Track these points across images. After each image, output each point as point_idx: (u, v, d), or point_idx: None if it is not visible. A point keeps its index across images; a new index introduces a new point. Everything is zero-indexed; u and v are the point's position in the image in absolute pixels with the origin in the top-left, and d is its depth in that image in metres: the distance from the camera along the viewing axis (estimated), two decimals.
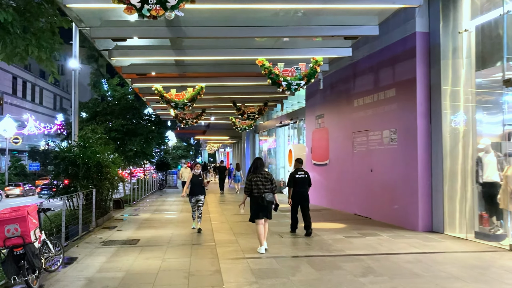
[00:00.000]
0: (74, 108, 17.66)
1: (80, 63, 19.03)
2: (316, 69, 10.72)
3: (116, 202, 17.25)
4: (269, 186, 8.59)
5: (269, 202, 8.54)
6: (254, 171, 8.70)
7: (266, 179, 8.60)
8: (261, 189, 8.50)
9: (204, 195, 11.76)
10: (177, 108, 13.54)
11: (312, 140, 18.27)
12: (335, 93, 16.09)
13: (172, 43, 10.28)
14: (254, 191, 8.53)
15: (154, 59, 11.53)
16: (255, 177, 8.59)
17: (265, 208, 8.58)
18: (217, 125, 33.41)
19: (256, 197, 8.53)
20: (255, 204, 8.60)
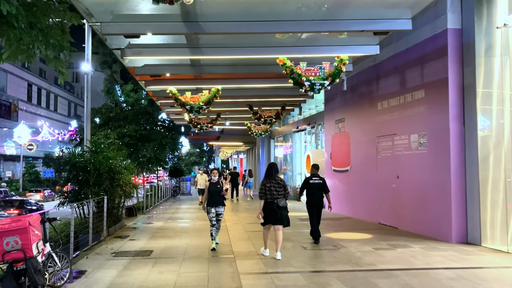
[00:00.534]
0: (86, 112, 17.17)
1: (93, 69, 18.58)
2: (341, 68, 10.00)
3: (129, 209, 16.64)
4: (282, 192, 8.54)
5: (281, 207, 8.46)
6: (267, 177, 8.68)
7: (279, 185, 8.55)
8: (274, 194, 8.46)
9: (224, 206, 10.01)
10: (192, 111, 12.90)
11: (332, 146, 17.49)
12: (357, 96, 15.31)
13: (188, 40, 9.64)
14: (267, 196, 8.50)
15: (168, 58, 10.89)
16: (268, 182, 8.56)
17: (277, 213, 8.48)
18: (231, 131, 32.77)
19: (268, 203, 8.49)
20: (268, 211, 8.56)
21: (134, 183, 14.00)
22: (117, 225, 13.04)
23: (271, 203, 8.45)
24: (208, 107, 12.97)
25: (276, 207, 8.41)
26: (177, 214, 17.42)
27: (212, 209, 9.80)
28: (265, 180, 8.64)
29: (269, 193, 8.48)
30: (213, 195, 9.77)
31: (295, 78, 9.78)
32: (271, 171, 8.71)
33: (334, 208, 17.48)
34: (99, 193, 11.39)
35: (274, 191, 8.47)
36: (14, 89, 54.67)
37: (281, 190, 8.55)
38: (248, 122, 22.25)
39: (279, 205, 8.41)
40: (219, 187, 9.84)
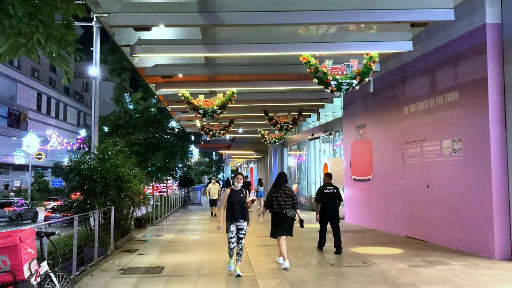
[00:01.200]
0: (94, 118, 16.44)
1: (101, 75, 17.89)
2: (371, 66, 9.08)
3: (138, 221, 15.74)
4: (290, 202, 8.41)
5: (290, 218, 8.36)
6: (275, 187, 8.58)
7: (287, 195, 8.44)
8: (282, 205, 8.35)
9: (247, 220, 7.97)
10: (205, 116, 12.02)
11: (352, 153, 16.51)
12: (380, 100, 14.36)
13: (204, 36, 8.79)
14: (275, 206, 8.41)
15: (182, 56, 10.03)
16: (275, 192, 8.46)
17: (285, 224, 8.39)
18: (242, 139, 31.88)
19: (276, 213, 8.41)
20: (276, 221, 8.48)
21: (144, 192, 13.10)
22: (125, 238, 12.14)
23: (280, 213, 8.33)
24: (222, 111, 12.08)
25: (285, 217, 8.30)
26: (188, 226, 16.49)
27: (232, 225, 7.81)
28: (273, 190, 8.55)
29: (277, 203, 8.38)
30: (234, 206, 7.80)
31: (320, 77, 8.87)
32: (279, 181, 8.62)
33: (354, 219, 16.51)
34: (106, 204, 10.51)
35: (281, 201, 8.35)
36: (23, 98, 54.43)
37: (289, 200, 8.41)
38: (261, 129, 21.34)
39: (287, 215, 8.30)
40: (242, 196, 7.89)
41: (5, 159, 51.21)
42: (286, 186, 8.68)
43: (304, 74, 12.96)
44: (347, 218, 16.89)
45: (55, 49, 7.24)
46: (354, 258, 9.42)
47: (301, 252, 10.33)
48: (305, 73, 12.97)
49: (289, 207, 8.36)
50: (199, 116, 17.91)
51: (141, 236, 13.43)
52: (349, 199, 16.79)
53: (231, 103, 12.07)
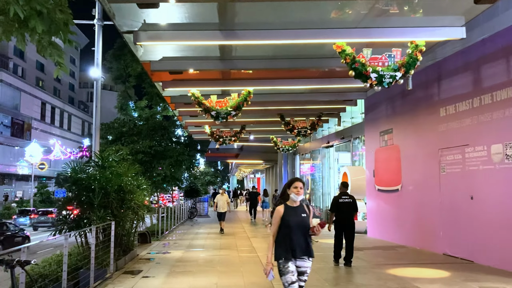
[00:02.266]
0: (95, 122, 15.15)
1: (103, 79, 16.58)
2: (417, 56, 7.65)
3: (142, 235, 14.26)
4: None
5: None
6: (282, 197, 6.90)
7: None
8: None
9: (313, 257, 4.96)
10: (218, 118, 10.59)
11: (375, 161, 15.00)
12: (410, 101, 12.90)
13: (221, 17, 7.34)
14: None
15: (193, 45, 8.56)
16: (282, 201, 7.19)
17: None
18: (251, 148, 30.45)
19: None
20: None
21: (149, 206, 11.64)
22: (128, 256, 10.66)
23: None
24: (237, 113, 10.65)
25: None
26: (197, 241, 14.97)
27: (290, 264, 4.80)
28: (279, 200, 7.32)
29: None
30: (293, 233, 4.87)
31: (357, 69, 7.45)
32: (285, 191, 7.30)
33: (379, 233, 14.96)
34: (105, 218, 9.05)
35: None
36: (27, 107, 53.31)
37: None
38: (274, 136, 19.91)
39: None
40: (304, 217, 4.97)
41: (8, 169, 49.96)
42: None
43: (328, 71, 11.60)
44: (370, 232, 15.35)
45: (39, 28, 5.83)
46: (397, 284, 7.90)
47: (330, 275, 8.83)
48: (330, 71, 11.64)
49: None
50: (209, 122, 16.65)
51: (146, 254, 11.93)
52: (372, 212, 15.27)
53: (246, 104, 10.64)
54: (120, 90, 37.01)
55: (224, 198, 18.23)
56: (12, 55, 53.37)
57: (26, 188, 52.87)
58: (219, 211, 17.89)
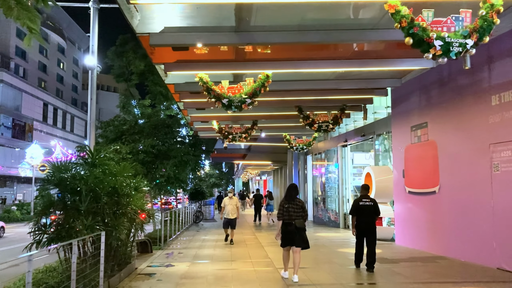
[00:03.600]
0: (90, 116, 13.56)
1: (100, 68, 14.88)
2: (493, 19, 5.84)
3: (143, 244, 12.47)
4: (300, 213, 8.25)
5: (299, 228, 8.17)
6: (286, 198, 8.40)
7: (298, 206, 8.28)
8: (292, 215, 8.18)
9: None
10: (231, 107, 8.80)
11: (405, 160, 13.17)
12: (450, 90, 11.07)
13: None
14: (285, 217, 8.23)
15: (202, 10, 6.77)
16: (287, 203, 8.29)
17: (294, 234, 8.18)
18: (259, 148, 28.61)
19: (286, 224, 8.23)
20: (286, 232, 8.26)
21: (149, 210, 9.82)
22: (124, 271, 8.86)
23: (289, 224, 8.17)
24: (253, 101, 8.86)
25: (294, 228, 8.13)
26: (205, 250, 13.15)
27: None
28: (284, 201, 8.36)
29: (287, 214, 8.20)
30: None
31: (417, 35, 5.67)
32: (290, 193, 8.43)
33: (410, 241, 13.14)
34: (94, 227, 7.26)
35: (292, 212, 8.19)
36: (29, 108, 51.77)
37: (300, 212, 8.24)
38: (287, 134, 18.10)
39: (297, 226, 8.13)
40: None
41: (9, 171, 48.36)
42: (298, 198, 8.45)
43: (362, 52, 9.81)
44: (399, 240, 13.51)
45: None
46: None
47: None
48: (363, 52, 9.83)
49: (299, 218, 8.17)
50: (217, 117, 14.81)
51: (146, 267, 10.12)
52: (401, 217, 13.42)
53: (264, 90, 8.84)
54: (122, 89, 35.30)
55: (234, 202, 14.65)
56: (14, 55, 51.90)
57: (28, 191, 51.29)
58: (227, 217, 14.37)
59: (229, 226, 14.31)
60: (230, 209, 14.50)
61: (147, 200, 13.57)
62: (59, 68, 65.35)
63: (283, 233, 8.30)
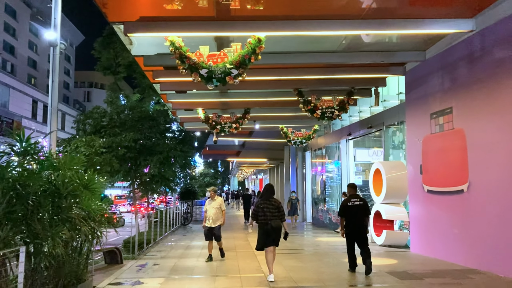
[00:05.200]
0: (52, 101, 11.54)
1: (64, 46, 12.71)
2: None
3: (110, 253, 10.31)
4: (276, 214, 8.04)
5: (275, 228, 7.96)
6: (262, 198, 8.24)
7: (274, 206, 8.07)
8: (268, 216, 7.98)
9: None
10: (211, 80, 6.69)
11: (423, 153, 11.08)
12: (482, 67, 8.97)
13: None
14: (261, 218, 8.05)
15: None
16: (262, 203, 8.09)
17: (272, 235, 7.99)
18: (254, 144, 26.50)
19: (262, 224, 8.04)
20: (262, 232, 8.08)
21: (109, 217, 7.61)
22: None
23: (265, 224, 7.96)
24: (241, 73, 6.75)
25: (270, 228, 7.90)
26: (186, 260, 10.97)
27: None
28: (260, 202, 8.19)
29: (263, 214, 8.01)
30: None
31: None
32: (266, 193, 8.28)
33: (429, 250, 11.02)
34: (9, 242, 5.10)
35: (268, 213, 7.99)
36: (17, 105, 49.48)
37: (276, 212, 8.03)
38: (284, 126, 15.98)
39: (272, 226, 7.90)
40: None
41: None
42: (274, 197, 8.28)
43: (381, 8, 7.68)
44: (415, 247, 11.42)
45: None
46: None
47: None
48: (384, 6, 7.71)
49: (275, 218, 7.98)
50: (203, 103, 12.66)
51: (106, 285, 7.97)
52: (418, 221, 11.33)
53: (255, 58, 6.73)
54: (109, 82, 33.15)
55: (217, 204, 10.71)
56: (2, 50, 49.62)
57: None
58: (208, 225, 10.63)
59: (212, 238, 10.68)
60: (213, 214, 10.60)
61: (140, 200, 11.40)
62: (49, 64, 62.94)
63: (260, 235, 8.10)
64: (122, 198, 47.31)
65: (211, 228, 10.62)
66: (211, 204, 10.76)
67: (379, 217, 12.70)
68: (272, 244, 8.03)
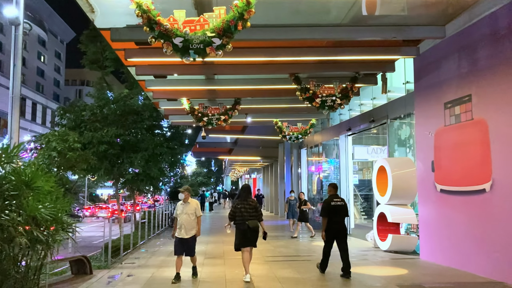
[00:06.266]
0: (13, 88, 10.26)
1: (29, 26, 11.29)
2: None
3: (78, 263, 8.86)
4: (254, 214, 7.91)
5: (252, 229, 7.81)
6: (239, 198, 8.17)
7: (251, 206, 7.95)
8: (245, 216, 7.85)
9: None
10: (187, 51, 5.30)
11: (436, 148, 9.75)
12: (509, 48, 7.65)
13: None
14: (238, 218, 7.91)
15: None
16: (240, 204, 7.99)
17: (248, 235, 7.84)
18: (247, 142, 25.12)
19: (239, 224, 7.89)
20: (239, 232, 7.93)
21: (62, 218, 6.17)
22: None
23: (242, 225, 7.82)
24: (225, 43, 5.35)
25: (247, 228, 7.77)
26: (165, 270, 9.48)
27: None
28: (237, 202, 8.09)
29: (240, 214, 7.87)
30: None
31: None
32: (243, 193, 8.26)
33: (443, 258, 9.69)
34: None
35: (245, 213, 7.86)
36: (3, 102, 47.71)
37: (253, 212, 7.90)
38: (278, 120, 14.60)
39: (249, 226, 7.77)
40: None
41: None
42: (251, 198, 8.18)
43: None
44: (426, 254, 10.09)
45: None
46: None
47: None
48: None
49: (252, 219, 7.84)
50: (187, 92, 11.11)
51: None
52: (430, 224, 9.99)
53: (242, 25, 5.35)
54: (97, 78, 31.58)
55: (191, 209, 8.15)
56: None
57: None
58: (180, 235, 8.14)
59: (183, 252, 8.20)
60: (186, 222, 8.04)
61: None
62: (39, 61, 61.40)
63: (237, 235, 7.95)
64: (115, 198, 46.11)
65: (183, 240, 8.09)
66: (184, 209, 8.12)
67: (383, 219, 11.36)
68: (249, 245, 7.90)
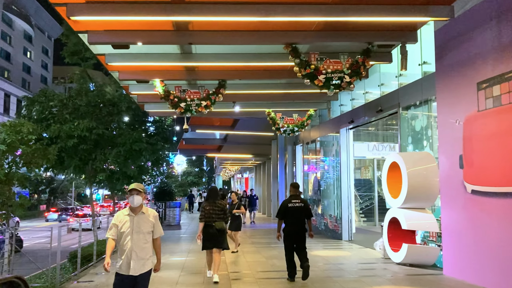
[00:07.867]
0: None
1: None
2: None
3: (10, 286, 6.81)
4: (221, 215, 7.98)
5: (219, 230, 7.87)
6: (208, 200, 8.16)
7: (219, 208, 8.02)
8: (213, 217, 7.90)
9: None
10: None
11: (465, 140, 7.82)
12: None
13: None
14: (207, 219, 7.93)
15: None
16: (208, 205, 8.02)
17: (215, 236, 7.85)
18: (237, 138, 23.09)
19: (207, 226, 7.93)
20: (207, 233, 7.91)
21: None
22: None
23: (210, 226, 7.87)
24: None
25: (215, 230, 7.84)
26: None
27: None
28: (206, 203, 8.13)
29: (208, 215, 7.89)
30: None
31: None
32: (211, 195, 8.22)
33: (475, 276, 7.73)
34: None
35: (213, 214, 7.90)
36: None
37: (221, 214, 7.98)
38: (270, 110, 12.60)
39: (216, 228, 7.84)
40: None
41: None
42: (220, 200, 8.18)
43: None
44: (450, 269, 8.15)
45: None
46: None
47: None
48: None
49: (219, 220, 7.89)
50: (159, 71, 8.98)
51: None
52: (455, 232, 8.06)
53: None
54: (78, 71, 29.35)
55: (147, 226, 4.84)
56: None
57: None
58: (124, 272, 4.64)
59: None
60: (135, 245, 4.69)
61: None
62: (25, 57, 59.05)
63: (204, 236, 7.88)
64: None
65: (130, 279, 4.67)
66: (135, 223, 4.77)
67: (395, 226, 9.44)
68: (217, 246, 7.85)
